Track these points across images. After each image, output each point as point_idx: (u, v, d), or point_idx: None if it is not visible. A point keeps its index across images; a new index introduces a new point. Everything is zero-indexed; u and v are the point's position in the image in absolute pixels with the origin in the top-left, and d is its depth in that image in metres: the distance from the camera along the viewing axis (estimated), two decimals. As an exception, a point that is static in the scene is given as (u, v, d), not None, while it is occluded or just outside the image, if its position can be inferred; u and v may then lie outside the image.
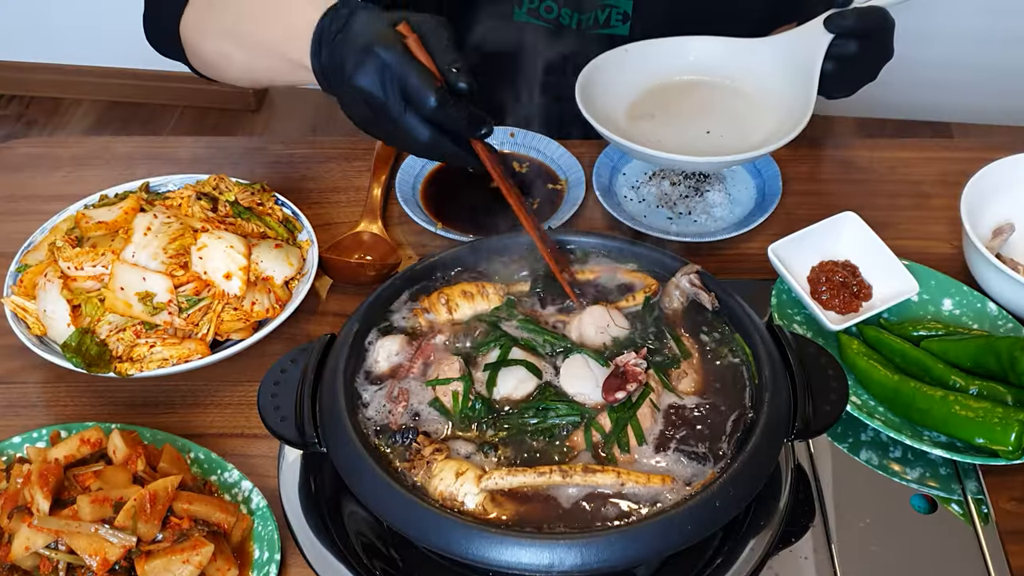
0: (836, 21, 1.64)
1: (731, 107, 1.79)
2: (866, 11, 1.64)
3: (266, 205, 1.71)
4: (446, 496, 1.16)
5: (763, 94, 1.78)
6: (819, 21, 1.67)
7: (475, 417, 1.24)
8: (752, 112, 1.77)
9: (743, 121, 1.77)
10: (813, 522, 1.37)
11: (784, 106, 1.72)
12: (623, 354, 1.29)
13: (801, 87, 1.68)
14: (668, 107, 1.80)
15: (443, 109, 1.31)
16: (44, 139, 2.15)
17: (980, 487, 1.41)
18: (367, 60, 1.33)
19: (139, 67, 4.38)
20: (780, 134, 1.64)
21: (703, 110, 1.79)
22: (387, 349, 1.32)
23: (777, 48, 1.76)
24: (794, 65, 1.71)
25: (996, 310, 1.59)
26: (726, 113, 1.78)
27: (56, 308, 1.51)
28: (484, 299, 1.38)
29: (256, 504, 1.36)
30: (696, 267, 1.38)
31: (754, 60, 1.79)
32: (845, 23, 1.63)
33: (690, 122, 1.77)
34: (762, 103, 1.77)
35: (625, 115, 1.78)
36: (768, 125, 1.73)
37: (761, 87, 1.79)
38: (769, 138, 1.67)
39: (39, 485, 1.26)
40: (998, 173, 1.72)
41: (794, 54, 1.71)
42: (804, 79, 1.68)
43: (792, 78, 1.71)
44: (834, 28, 1.64)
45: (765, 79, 1.78)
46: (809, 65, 1.67)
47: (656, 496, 1.15)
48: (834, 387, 1.28)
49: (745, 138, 1.72)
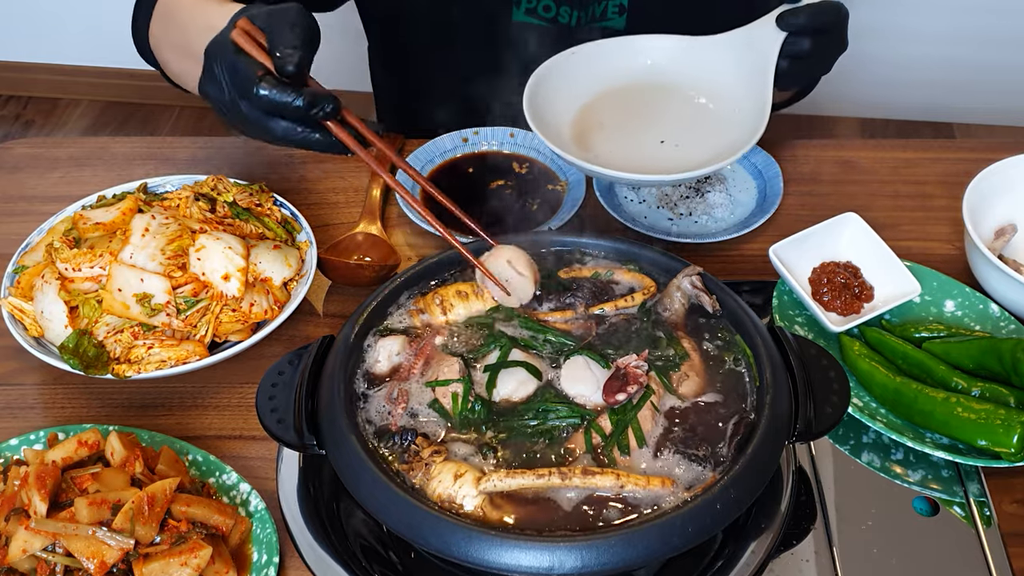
0: (788, 20, 1.58)
1: (685, 112, 1.73)
2: (818, 7, 1.58)
3: (264, 206, 1.70)
4: (444, 498, 1.15)
5: (717, 98, 1.72)
6: (771, 18, 1.61)
7: (474, 419, 1.24)
8: (707, 118, 1.71)
9: (698, 128, 1.70)
10: (814, 525, 1.37)
11: (739, 110, 1.67)
12: (624, 356, 1.28)
13: (756, 91, 1.62)
14: (619, 115, 1.73)
15: (272, 96, 1.28)
16: (42, 139, 2.14)
17: (982, 489, 1.40)
18: (206, 65, 1.35)
19: (137, 67, 4.33)
20: (736, 142, 1.59)
21: (655, 117, 1.73)
22: (388, 349, 1.31)
23: (730, 47, 1.69)
24: (748, 65, 1.65)
25: (998, 311, 1.59)
26: (680, 119, 1.72)
27: (53, 309, 1.51)
28: (479, 299, 1.38)
29: (254, 506, 1.36)
30: (698, 269, 1.38)
31: (707, 60, 1.72)
32: (798, 21, 1.58)
33: (643, 131, 1.71)
34: (717, 108, 1.71)
35: (573, 125, 1.71)
36: (723, 132, 1.66)
37: (715, 90, 1.72)
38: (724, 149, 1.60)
39: (36, 487, 1.26)
40: (1000, 174, 1.71)
41: (747, 54, 1.65)
42: (759, 82, 1.62)
43: (747, 79, 1.65)
44: (786, 27, 1.59)
45: (719, 80, 1.71)
46: (763, 66, 1.62)
47: (656, 499, 1.15)
48: (835, 389, 1.27)
49: (700, 147, 1.66)
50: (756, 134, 1.57)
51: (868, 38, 3.88)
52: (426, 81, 2.13)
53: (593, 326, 1.36)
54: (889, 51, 4.09)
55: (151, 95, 4.48)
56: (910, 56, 4.14)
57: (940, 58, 4.12)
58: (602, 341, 1.33)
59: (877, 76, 4.13)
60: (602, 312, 1.37)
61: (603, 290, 1.40)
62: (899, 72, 4.18)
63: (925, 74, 4.17)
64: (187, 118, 4.50)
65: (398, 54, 2.14)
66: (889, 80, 4.20)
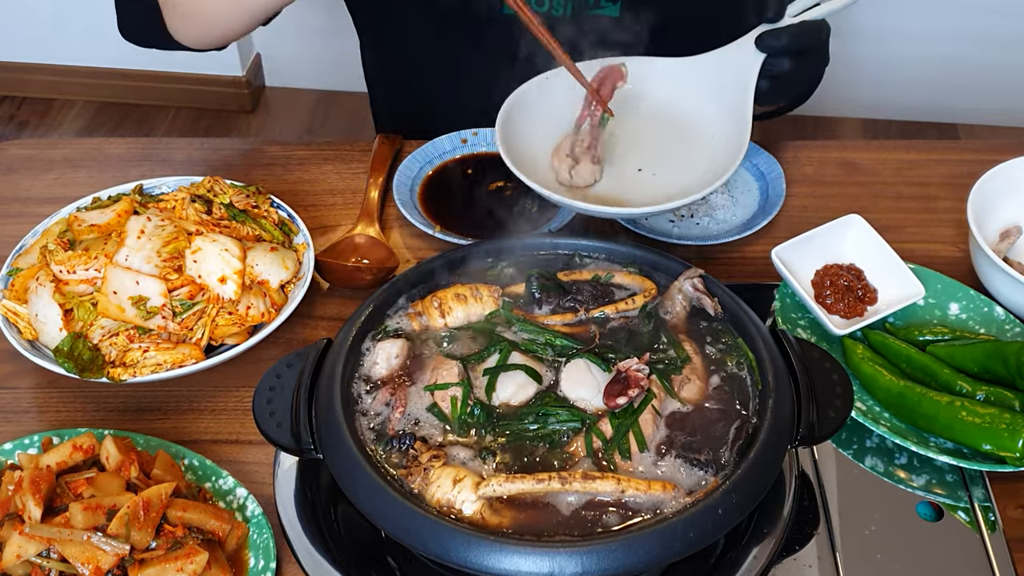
0: (768, 42, 1.56)
1: (662, 139, 1.69)
2: (800, 28, 1.55)
3: (261, 208, 1.70)
4: (443, 504, 1.14)
5: (695, 123, 1.68)
6: (750, 39, 1.58)
7: (474, 423, 1.23)
8: (685, 144, 1.68)
9: (675, 156, 1.66)
10: (817, 530, 1.36)
11: (717, 135, 1.64)
12: (625, 359, 1.27)
13: (735, 115, 1.60)
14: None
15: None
16: (36, 140, 2.13)
17: (987, 494, 1.40)
18: None
19: (133, 67, 4.36)
20: (714, 170, 1.56)
21: (632, 144, 1.69)
22: (387, 352, 1.30)
23: (708, 68, 1.66)
24: (727, 88, 1.62)
25: (1003, 314, 1.58)
26: (658, 147, 1.68)
27: (48, 312, 1.50)
28: (478, 301, 1.37)
29: (251, 511, 1.35)
30: (699, 271, 1.37)
31: (685, 82, 1.68)
32: (778, 43, 1.55)
33: (620, 159, 1.68)
34: (695, 134, 1.67)
35: (549, 155, 1.67)
36: (701, 159, 1.63)
37: (693, 114, 1.68)
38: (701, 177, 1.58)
39: (31, 492, 1.26)
40: (1005, 175, 1.71)
41: (726, 76, 1.62)
42: (738, 106, 1.59)
43: (726, 103, 1.62)
44: (766, 49, 1.56)
45: (697, 105, 1.67)
46: (742, 89, 1.59)
47: (658, 503, 1.14)
48: (839, 392, 1.27)
49: (678, 176, 1.63)
50: (735, 162, 1.54)
51: (870, 38, 3.88)
52: (422, 80, 2.12)
53: (594, 329, 1.35)
54: (891, 51, 4.09)
55: (147, 96, 4.47)
56: (913, 56, 4.14)
57: (943, 58, 4.12)
58: (603, 344, 1.32)
59: (879, 76, 4.13)
60: (603, 315, 1.36)
61: (603, 293, 1.39)
62: (902, 72, 4.18)
63: (928, 74, 4.17)
64: (183, 119, 4.49)
65: (391, 53, 2.13)
66: (892, 80, 4.20)
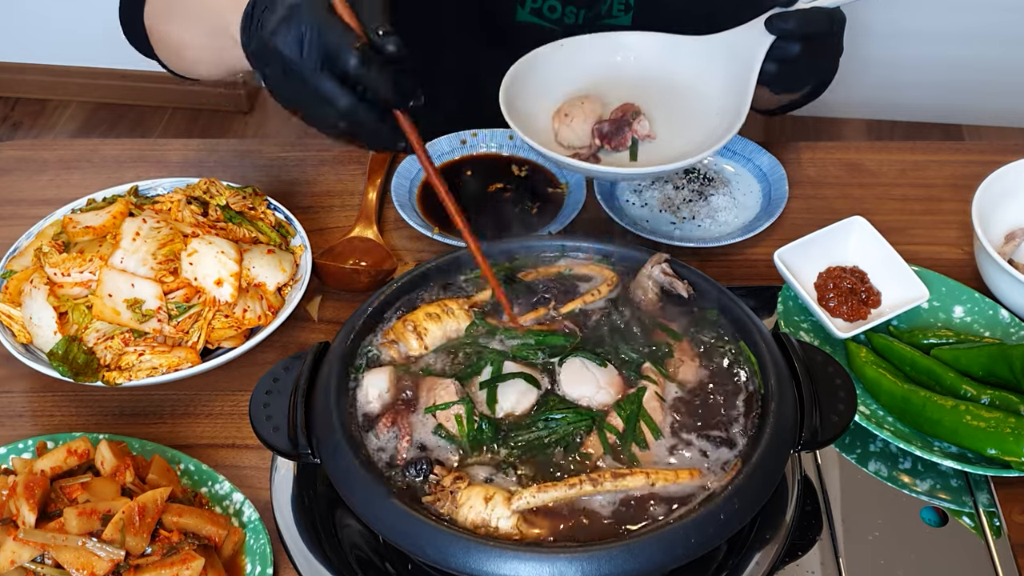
0: (776, 24, 1.56)
1: (664, 108, 1.71)
2: (809, 13, 1.56)
3: (258, 209, 1.69)
4: (479, 524, 1.13)
5: (698, 96, 1.70)
6: (760, 21, 1.60)
7: (484, 439, 1.22)
8: (685, 114, 1.70)
9: (675, 123, 1.69)
10: (820, 535, 1.36)
11: (719, 109, 1.65)
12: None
13: (737, 90, 1.61)
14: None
15: (365, 70, 1.21)
16: (30, 142, 2.14)
17: (992, 499, 1.39)
18: (288, 18, 1.25)
19: (128, 68, 4.36)
20: (711, 138, 1.59)
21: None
22: (377, 387, 1.27)
23: (716, 47, 1.68)
24: (732, 66, 1.64)
25: (1008, 317, 1.58)
26: (658, 115, 1.71)
27: (42, 315, 1.50)
28: (451, 317, 1.35)
29: (248, 516, 1.35)
30: (665, 256, 1.38)
31: (692, 59, 1.71)
32: (786, 26, 1.55)
33: None
34: (697, 105, 1.69)
35: (552, 118, 1.72)
36: (701, 128, 1.65)
37: (697, 88, 1.71)
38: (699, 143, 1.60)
39: (25, 497, 1.25)
40: (1011, 176, 1.70)
41: (734, 54, 1.64)
42: (741, 82, 1.61)
43: (729, 79, 1.64)
44: (774, 31, 1.57)
45: (702, 79, 1.70)
46: (747, 67, 1.60)
47: (689, 492, 1.15)
48: (842, 396, 1.26)
49: (676, 141, 1.66)
50: (732, 130, 1.56)
51: (873, 38, 3.89)
52: (426, 82, 2.11)
53: (578, 325, 1.35)
54: (895, 51, 4.10)
55: (142, 96, 4.48)
56: (917, 56, 4.14)
57: (948, 58, 4.12)
58: (592, 339, 1.33)
59: (883, 77, 4.13)
60: (572, 312, 1.36)
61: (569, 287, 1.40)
62: (906, 73, 4.18)
63: (933, 75, 4.17)
64: (179, 120, 4.50)
65: None
66: (896, 81, 4.20)
